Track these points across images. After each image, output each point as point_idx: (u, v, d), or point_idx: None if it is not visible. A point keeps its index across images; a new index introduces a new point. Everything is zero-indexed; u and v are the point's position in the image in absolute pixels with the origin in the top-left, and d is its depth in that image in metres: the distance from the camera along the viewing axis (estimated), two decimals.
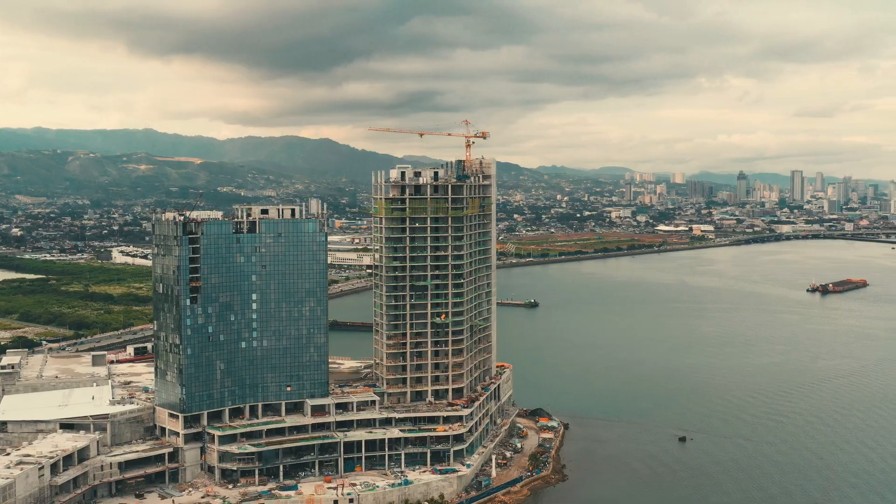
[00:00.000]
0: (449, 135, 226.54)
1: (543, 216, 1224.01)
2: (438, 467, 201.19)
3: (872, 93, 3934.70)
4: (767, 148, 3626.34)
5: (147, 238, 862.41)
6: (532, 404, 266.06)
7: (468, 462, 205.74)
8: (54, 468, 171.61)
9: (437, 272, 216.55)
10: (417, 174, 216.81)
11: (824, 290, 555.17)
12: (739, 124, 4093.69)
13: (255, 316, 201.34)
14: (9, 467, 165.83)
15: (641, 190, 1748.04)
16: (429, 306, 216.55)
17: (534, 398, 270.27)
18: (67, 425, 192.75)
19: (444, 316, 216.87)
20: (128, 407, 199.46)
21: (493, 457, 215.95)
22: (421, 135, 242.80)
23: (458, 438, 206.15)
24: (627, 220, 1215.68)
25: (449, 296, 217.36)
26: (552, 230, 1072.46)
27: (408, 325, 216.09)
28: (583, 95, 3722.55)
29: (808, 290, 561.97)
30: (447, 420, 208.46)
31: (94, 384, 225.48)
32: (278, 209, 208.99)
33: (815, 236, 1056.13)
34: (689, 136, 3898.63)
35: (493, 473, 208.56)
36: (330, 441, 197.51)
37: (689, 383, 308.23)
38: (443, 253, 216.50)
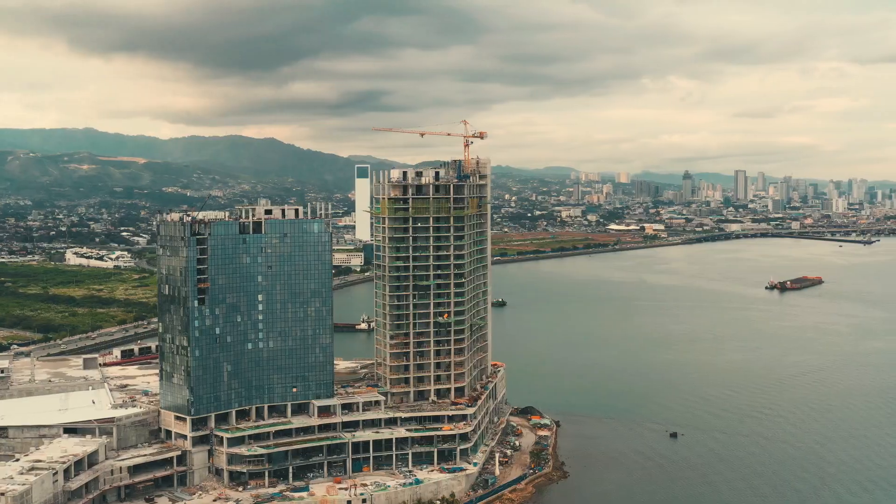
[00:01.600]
0: (448, 134, 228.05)
1: (495, 216, 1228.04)
2: (446, 466, 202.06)
3: (812, 94, 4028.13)
4: (708, 148, 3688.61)
5: (97, 239, 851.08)
6: (520, 402, 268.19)
7: (474, 461, 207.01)
8: (66, 473, 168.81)
9: (439, 272, 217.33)
10: (419, 174, 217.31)
11: (782, 288, 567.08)
12: (682, 125, 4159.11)
13: (260, 317, 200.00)
14: (22, 473, 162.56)
15: (588, 189, 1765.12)
16: (431, 306, 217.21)
17: (522, 396, 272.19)
18: (71, 430, 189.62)
19: (446, 315, 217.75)
20: (133, 410, 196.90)
21: (497, 455, 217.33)
22: (422, 134, 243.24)
23: (464, 437, 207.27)
24: (578, 219, 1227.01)
25: (451, 295, 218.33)
26: (505, 230, 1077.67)
27: (411, 325, 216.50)
28: (529, 95, 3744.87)
29: (766, 288, 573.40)
30: (451, 419, 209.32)
31: (90, 387, 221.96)
32: (282, 209, 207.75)
33: (763, 235, 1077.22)
34: (633, 136, 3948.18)
35: (497, 471, 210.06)
36: (338, 442, 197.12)
37: (669, 380, 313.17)
38: (445, 253, 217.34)
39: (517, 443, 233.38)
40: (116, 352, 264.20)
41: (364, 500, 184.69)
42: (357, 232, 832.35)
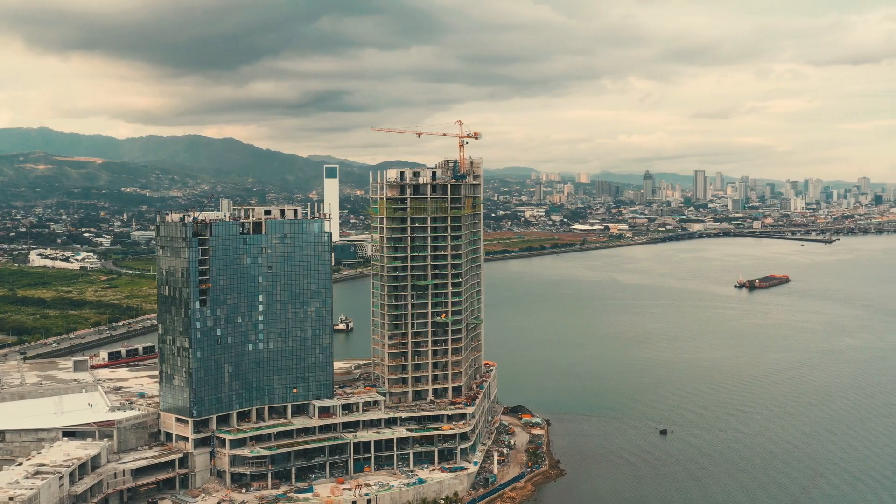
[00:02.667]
0: (444, 135, 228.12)
1: None
2: (447, 465, 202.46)
3: (767, 95, 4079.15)
4: (665, 148, 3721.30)
5: (59, 240, 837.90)
6: (509, 401, 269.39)
7: (475, 460, 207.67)
8: (71, 477, 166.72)
9: (436, 271, 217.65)
10: (416, 174, 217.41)
11: (751, 286, 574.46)
12: (639, 125, 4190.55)
13: (261, 318, 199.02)
14: (27, 477, 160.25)
15: (549, 189, 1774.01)
16: (429, 305, 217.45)
17: (510, 395, 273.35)
18: (69, 433, 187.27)
19: (444, 315, 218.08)
20: (133, 413, 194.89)
21: (495, 454, 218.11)
22: (419, 135, 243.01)
23: (464, 437, 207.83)
24: (542, 219, 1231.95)
25: (448, 295, 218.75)
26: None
27: (409, 325, 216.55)
28: (489, 96, 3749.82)
29: (735, 287, 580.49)
30: (451, 419, 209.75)
31: (83, 390, 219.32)
32: (281, 210, 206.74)
33: (726, 234, 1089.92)
34: (590, 137, 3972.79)
35: (495, 470, 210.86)
36: (340, 442, 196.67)
37: (653, 378, 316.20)
38: (442, 252, 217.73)
39: (512, 441, 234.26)
40: (103, 354, 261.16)
41: (369, 501, 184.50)
42: None
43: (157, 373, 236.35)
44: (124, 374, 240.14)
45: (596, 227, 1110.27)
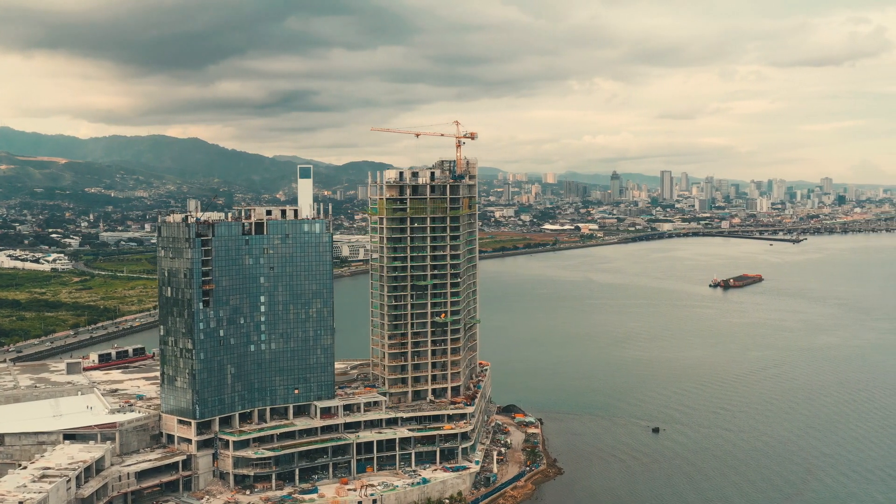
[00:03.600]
0: (442, 135, 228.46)
1: None
2: (448, 465, 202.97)
3: (731, 96, 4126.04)
4: (630, 149, 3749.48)
5: (26, 241, 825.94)
6: (500, 401, 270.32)
7: (476, 459, 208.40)
8: (77, 480, 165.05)
9: (435, 271, 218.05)
10: (415, 174, 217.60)
11: (726, 286, 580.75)
12: (605, 126, 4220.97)
13: (263, 318, 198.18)
14: (34, 481, 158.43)
15: (517, 190, 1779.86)
16: (429, 305, 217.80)
17: (502, 395, 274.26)
18: (70, 436, 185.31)
19: (443, 315, 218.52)
20: (134, 415, 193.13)
21: (494, 453, 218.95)
22: (417, 135, 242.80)
23: (465, 436, 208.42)
24: (512, 219, 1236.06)
25: (448, 295, 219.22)
26: None
27: (409, 325, 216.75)
28: (457, 96, 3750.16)
29: (710, 286, 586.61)
30: (451, 418, 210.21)
31: (79, 393, 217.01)
32: (281, 210, 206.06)
33: (695, 234, 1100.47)
34: (556, 137, 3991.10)
35: (495, 469, 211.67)
36: (344, 443, 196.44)
37: (639, 376, 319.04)
38: (441, 252, 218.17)
39: (508, 441, 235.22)
40: (93, 356, 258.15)
41: (374, 501, 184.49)
42: None
43: (151, 374, 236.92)
44: (118, 377, 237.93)
45: (566, 227, 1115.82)
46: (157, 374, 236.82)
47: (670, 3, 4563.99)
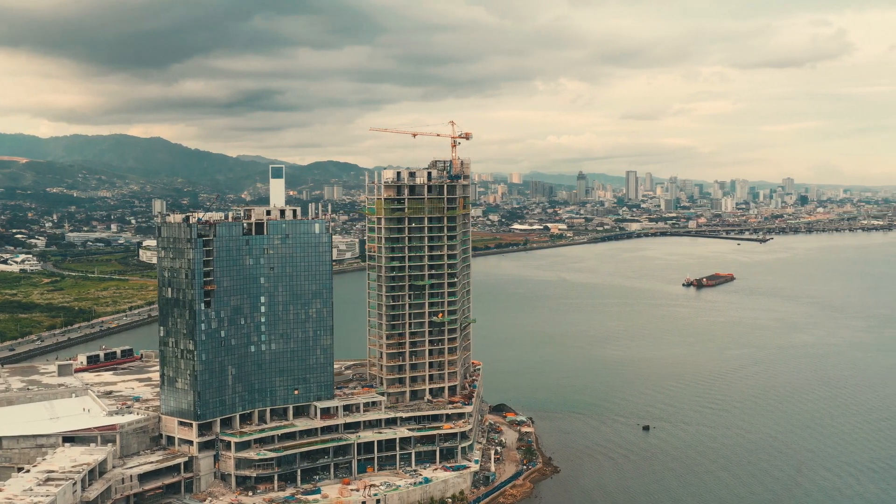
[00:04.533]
0: (438, 135, 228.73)
1: None
2: (448, 464, 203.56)
3: (694, 97, 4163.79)
4: (594, 149, 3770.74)
5: None
6: (489, 400, 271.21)
7: (475, 458, 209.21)
8: (82, 483, 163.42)
9: (433, 271, 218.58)
10: (412, 174, 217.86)
11: (699, 285, 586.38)
12: (569, 126, 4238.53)
13: (263, 319, 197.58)
14: (40, 484, 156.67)
15: (484, 190, 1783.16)
16: (426, 305, 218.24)
17: (490, 394, 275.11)
18: (69, 438, 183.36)
19: (441, 315, 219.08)
20: (134, 417, 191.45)
21: (492, 452, 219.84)
22: (414, 135, 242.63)
23: (464, 436, 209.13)
24: (481, 219, 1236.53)
25: (445, 294, 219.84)
26: None
27: (406, 325, 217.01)
28: (422, 96, 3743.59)
29: (683, 285, 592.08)
30: (450, 418, 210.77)
31: (73, 395, 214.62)
32: (280, 210, 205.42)
33: (663, 234, 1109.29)
34: (521, 137, 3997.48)
35: (493, 468, 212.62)
36: (345, 443, 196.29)
37: (622, 375, 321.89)
38: (439, 252, 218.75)
39: (503, 439, 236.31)
40: (82, 357, 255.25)
41: (378, 501, 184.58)
42: None
43: (144, 376, 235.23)
44: (110, 378, 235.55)
45: (535, 227, 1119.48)
46: (150, 375, 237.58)
47: (636, 5, 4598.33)
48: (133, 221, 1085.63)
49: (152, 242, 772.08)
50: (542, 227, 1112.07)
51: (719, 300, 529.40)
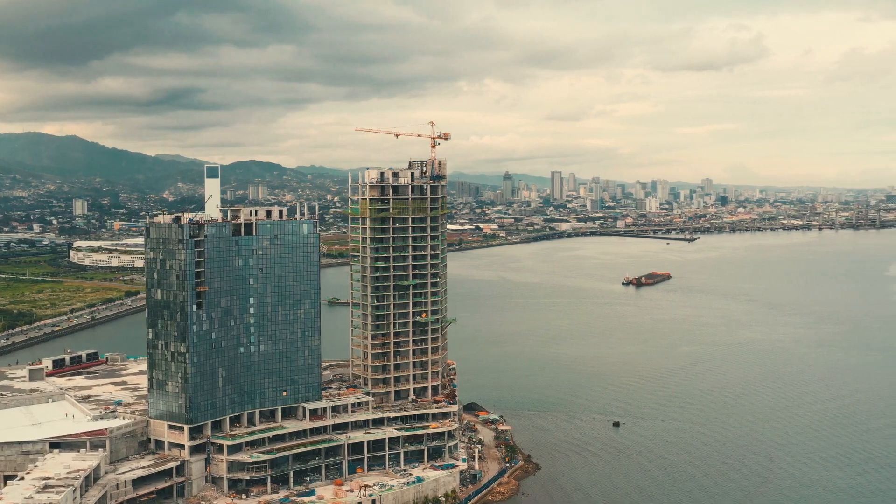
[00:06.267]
0: (419, 136, 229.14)
1: (326, 216, 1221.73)
2: (437, 463, 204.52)
3: (615, 99, 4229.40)
4: (516, 150, 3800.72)
5: None
6: (460, 399, 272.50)
7: (462, 457, 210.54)
8: (80, 490, 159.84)
9: (416, 271, 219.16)
10: (396, 175, 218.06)
11: (638, 283, 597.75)
12: (492, 126, 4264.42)
13: (252, 320, 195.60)
14: (40, 491, 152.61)
15: None
16: (410, 305, 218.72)
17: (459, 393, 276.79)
18: (56, 444, 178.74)
19: (425, 314, 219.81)
20: (123, 421, 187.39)
21: (475, 451, 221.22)
22: (397, 135, 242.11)
23: (451, 435, 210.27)
24: None
25: (428, 294, 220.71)
26: (343, 230, 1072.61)
27: (391, 325, 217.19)
28: (347, 96, 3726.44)
29: (623, 284, 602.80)
30: (435, 417, 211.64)
31: (50, 399, 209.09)
32: (267, 210, 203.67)
33: (593, 233, 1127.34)
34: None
35: (477, 466, 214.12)
36: (336, 444, 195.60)
37: (583, 373, 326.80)
38: (422, 252, 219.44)
39: (480, 438, 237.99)
40: (47, 361, 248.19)
41: (374, 502, 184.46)
42: None
43: (119, 380, 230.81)
44: (83, 382, 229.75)
45: (466, 227, 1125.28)
46: (124, 378, 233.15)
47: (562, 7, 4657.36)
48: (55, 222, 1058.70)
49: (83, 243, 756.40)
50: (473, 227, 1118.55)
51: (660, 298, 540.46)
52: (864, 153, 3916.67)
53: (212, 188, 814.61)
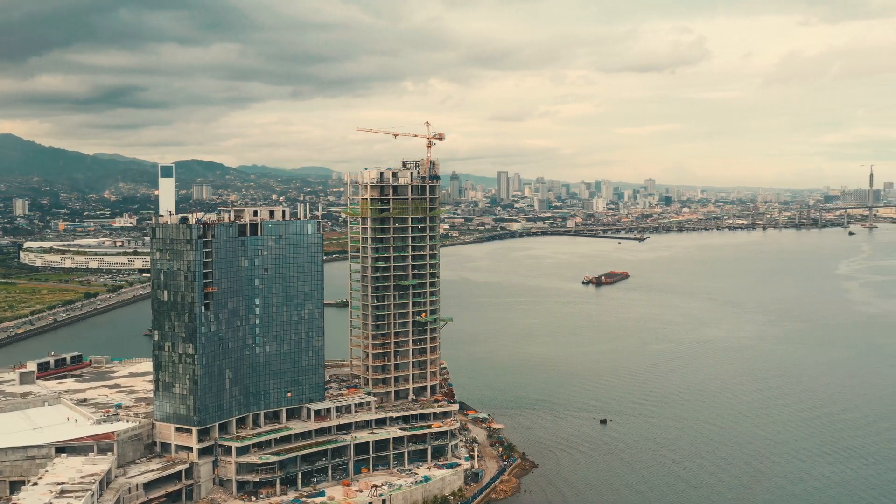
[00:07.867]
0: (415, 136, 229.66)
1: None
2: (440, 462, 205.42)
3: (559, 100, 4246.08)
4: (459, 150, 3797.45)
5: None
6: None
7: (465, 456, 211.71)
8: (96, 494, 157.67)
9: (416, 271, 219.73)
10: (395, 175, 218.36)
11: (598, 282, 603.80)
12: (436, 127, 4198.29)
13: (258, 321, 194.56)
14: (58, 497, 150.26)
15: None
16: (410, 305, 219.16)
17: None
18: (62, 449, 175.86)
19: (424, 315, 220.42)
20: (129, 424, 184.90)
21: (474, 450, 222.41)
22: (395, 135, 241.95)
23: (453, 434, 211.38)
24: None
25: (427, 294, 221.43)
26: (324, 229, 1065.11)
27: (392, 325, 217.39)
28: (291, 95, 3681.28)
29: (583, 283, 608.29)
30: (437, 416, 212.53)
31: (46, 403, 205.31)
32: (270, 210, 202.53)
33: (544, 233, 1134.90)
34: (386, 137, 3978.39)
35: (477, 464, 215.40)
36: (342, 444, 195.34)
37: (561, 371, 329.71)
38: (421, 252, 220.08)
39: (474, 436, 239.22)
40: (32, 365, 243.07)
41: (384, 501, 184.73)
42: None
43: (111, 382, 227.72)
44: (75, 385, 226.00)
45: None
46: (116, 381, 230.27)
47: (507, 8, 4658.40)
48: None
49: (33, 244, 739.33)
50: None
51: (621, 297, 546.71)
52: (800, 154, 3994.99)
53: (165, 188, 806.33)
